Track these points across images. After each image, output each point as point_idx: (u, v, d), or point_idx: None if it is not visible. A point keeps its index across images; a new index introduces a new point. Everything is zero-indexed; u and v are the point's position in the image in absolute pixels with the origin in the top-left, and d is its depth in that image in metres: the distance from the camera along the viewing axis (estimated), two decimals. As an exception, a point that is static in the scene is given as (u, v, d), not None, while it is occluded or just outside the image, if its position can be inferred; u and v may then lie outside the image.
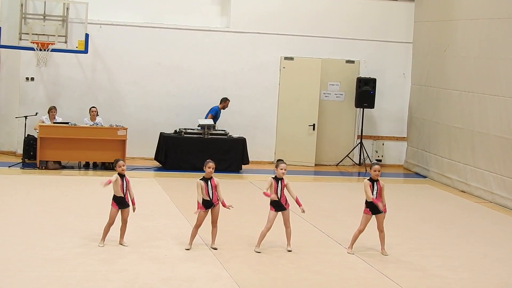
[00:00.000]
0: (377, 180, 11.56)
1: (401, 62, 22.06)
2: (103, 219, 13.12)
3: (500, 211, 16.19)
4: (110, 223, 11.53)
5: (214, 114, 20.59)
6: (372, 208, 11.50)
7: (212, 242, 11.85)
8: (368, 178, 11.67)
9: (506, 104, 16.87)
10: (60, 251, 11.23)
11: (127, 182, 11.60)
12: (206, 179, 11.84)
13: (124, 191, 11.51)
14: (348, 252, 11.92)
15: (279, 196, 11.60)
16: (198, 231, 11.71)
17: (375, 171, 11.54)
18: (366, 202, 11.55)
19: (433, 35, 20.65)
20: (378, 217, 11.60)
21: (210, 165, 11.95)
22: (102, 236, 11.61)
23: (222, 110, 20.74)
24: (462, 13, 19.03)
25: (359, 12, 21.61)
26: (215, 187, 11.87)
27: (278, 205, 11.66)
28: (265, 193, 11.62)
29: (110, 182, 11.33)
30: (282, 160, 11.97)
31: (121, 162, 11.59)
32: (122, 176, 11.53)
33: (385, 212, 11.77)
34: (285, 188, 11.68)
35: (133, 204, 11.71)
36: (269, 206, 11.73)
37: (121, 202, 11.50)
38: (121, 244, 11.63)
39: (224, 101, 20.68)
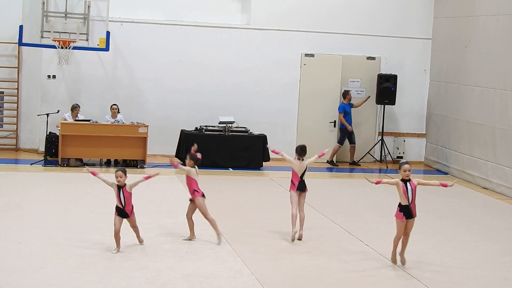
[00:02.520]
0: (409, 180, 10.72)
1: (421, 58, 22.00)
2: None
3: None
4: (115, 231, 11.01)
5: (342, 111, 20.79)
6: (406, 212, 10.69)
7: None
8: (399, 179, 10.77)
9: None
10: (82, 248, 11.28)
11: (126, 196, 11.05)
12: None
13: (123, 203, 11.01)
14: (393, 264, 11.09)
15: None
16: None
17: (405, 171, 10.72)
18: (400, 205, 10.74)
19: (453, 31, 20.56)
20: (410, 222, 10.79)
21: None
22: (115, 243, 11.10)
23: (350, 104, 20.94)
24: (483, 9, 18.95)
25: (379, 8, 21.56)
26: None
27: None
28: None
29: (93, 174, 11.29)
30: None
31: (118, 173, 11.02)
32: (120, 187, 11.00)
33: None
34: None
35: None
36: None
37: (121, 212, 11.06)
38: (140, 243, 11.48)
39: (346, 94, 20.91)
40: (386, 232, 13.27)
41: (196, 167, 12.57)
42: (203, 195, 12.33)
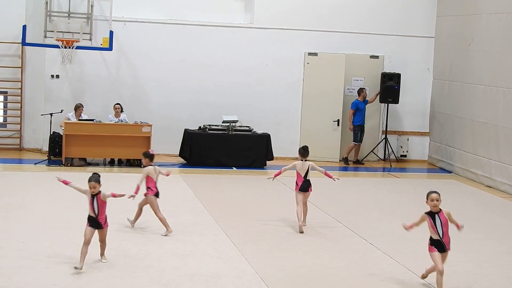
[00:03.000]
0: (439, 211, 9.49)
1: (424, 56, 22.02)
2: (128, 215, 13.26)
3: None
4: (84, 242, 10.02)
5: (354, 107, 20.90)
6: (438, 246, 9.53)
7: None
8: (427, 212, 9.57)
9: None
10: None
11: (100, 205, 10.13)
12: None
13: (96, 212, 10.08)
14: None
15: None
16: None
17: (432, 200, 9.40)
18: (431, 238, 9.59)
19: (456, 30, 20.56)
20: (443, 255, 9.66)
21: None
22: (80, 257, 9.99)
23: (365, 101, 21.05)
24: (486, 7, 18.96)
25: (382, 6, 21.59)
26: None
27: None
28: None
29: (65, 183, 10.44)
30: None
31: (91, 183, 10.07)
32: (94, 195, 10.09)
33: (461, 227, 9.94)
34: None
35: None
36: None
37: (94, 222, 10.14)
38: (101, 261, 10.42)
39: (361, 91, 21.02)
40: (389, 230, 13.39)
41: (155, 166, 12.75)
42: (156, 195, 12.50)
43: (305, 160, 13.12)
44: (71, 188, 10.39)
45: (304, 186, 13.07)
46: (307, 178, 13.08)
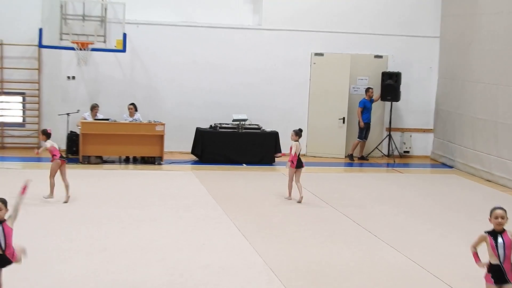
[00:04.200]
0: (503, 231, 7.58)
1: (428, 56, 22.02)
2: (142, 210, 13.46)
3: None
4: None
5: (362, 106, 21.04)
6: (497, 274, 7.57)
7: None
8: (488, 230, 7.69)
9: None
10: (103, 241, 11.41)
11: (7, 234, 7.63)
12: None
13: (3, 245, 7.59)
14: None
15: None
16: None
17: (496, 217, 7.58)
18: (490, 264, 7.63)
19: (459, 29, 20.59)
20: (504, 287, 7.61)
21: None
22: None
23: (372, 100, 21.19)
24: (487, 7, 19.00)
25: (387, 7, 21.62)
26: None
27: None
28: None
29: (23, 190, 8.20)
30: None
31: None
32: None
33: None
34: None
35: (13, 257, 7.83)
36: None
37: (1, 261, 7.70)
38: None
39: (367, 91, 21.14)
40: (394, 223, 13.50)
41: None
42: (60, 158, 14.21)
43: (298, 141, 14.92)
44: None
45: (299, 164, 14.85)
46: (300, 157, 14.90)
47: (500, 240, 7.52)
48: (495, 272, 7.54)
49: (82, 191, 15.29)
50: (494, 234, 7.57)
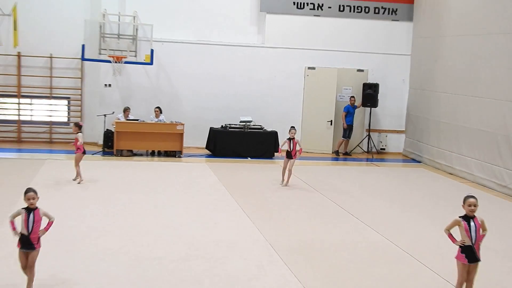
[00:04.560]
0: (474, 217, 7.52)
1: (401, 70, 21.95)
2: (164, 194, 13.44)
3: (480, 189, 16.12)
4: (21, 266, 7.48)
5: (346, 111, 20.98)
6: (469, 254, 7.49)
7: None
8: (461, 216, 7.60)
9: (485, 104, 16.85)
10: (131, 220, 11.42)
11: (36, 220, 7.37)
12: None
13: (30, 229, 7.32)
14: None
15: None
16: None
17: (469, 205, 7.51)
18: (461, 246, 7.52)
19: (426, 49, 20.55)
20: (473, 266, 7.55)
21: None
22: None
23: (355, 106, 21.13)
24: (450, 31, 18.96)
25: (368, 30, 21.57)
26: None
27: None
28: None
29: (13, 228, 7.36)
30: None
31: (30, 194, 7.36)
32: (31, 210, 7.36)
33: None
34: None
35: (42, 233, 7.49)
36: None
37: (25, 243, 7.36)
38: None
39: (351, 98, 21.11)
40: (372, 207, 13.47)
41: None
42: (83, 152, 14.50)
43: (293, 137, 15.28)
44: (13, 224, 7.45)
45: (290, 155, 15.12)
46: (289, 150, 15.14)
47: (472, 224, 7.47)
48: (468, 252, 7.46)
49: (114, 178, 15.32)
50: (467, 219, 7.51)
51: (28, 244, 7.38)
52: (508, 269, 9.66)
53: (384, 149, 22.15)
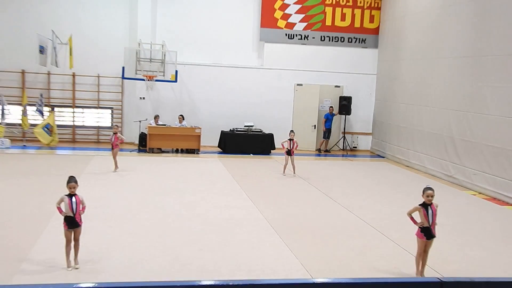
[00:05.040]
0: (430, 204, 7.51)
1: (369, 86, 21.90)
2: (185, 182, 13.37)
3: (430, 178, 16.11)
4: (67, 243, 7.37)
5: (326, 118, 20.96)
6: (427, 233, 7.52)
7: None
8: (421, 203, 7.54)
9: (434, 112, 16.85)
10: (161, 201, 11.43)
11: (78, 203, 7.33)
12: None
13: (74, 211, 7.30)
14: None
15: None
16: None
17: (428, 196, 7.46)
18: (420, 227, 7.53)
19: (388, 69, 20.53)
20: (430, 242, 7.60)
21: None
22: (66, 260, 7.37)
23: (333, 114, 21.03)
24: (405, 56, 18.96)
25: (343, 55, 21.49)
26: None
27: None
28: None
29: (60, 211, 7.31)
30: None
31: (72, 184, 7.29)
32: (72, 195, 7.31)
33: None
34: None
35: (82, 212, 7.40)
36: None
37: (71, 222, 7.31)
38: (72, 267, 7.32)
39: (329, 108, 21.04)
40: (346, 192, 13.43)
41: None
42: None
43: (292, 138, 15.35)
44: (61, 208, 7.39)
45: (290, 152, 15.27)
46: (291, 148, 15.26)
47: (430, 210, 7.48)
48: (426, 231, 7.50)
49: (147, 169, 15.33)
50: (425, 206, 7.51)
51: (74, 223, 7.34)
52: (453, 240, 9.66)
53: (356, 147, 22.14)
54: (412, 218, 7.61)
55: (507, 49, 13.55)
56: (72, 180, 7.35)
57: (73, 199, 7.34)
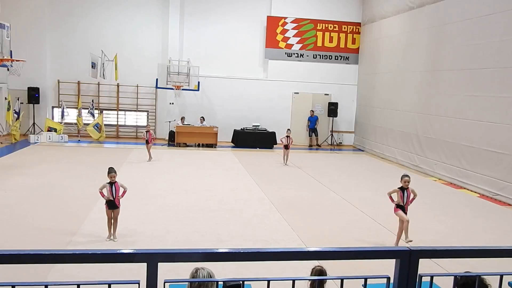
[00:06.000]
0: (407, 188, 7.54)
1: (352, 94, 21.60)
2: (205, 170, 13.28)
3: (400, 167, 15.91)
4: (108, 220, 7.29)
5: (309, 120, 20.68)
6: (402, 209, 7.49)
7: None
8: (399, 187, 7.59)
9: (403, 114, 16.64)
10: (186, 184, 11.34)
11: (117, 189, 7.25)
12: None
13: (114, 195, 7.22)
14: (406, 241, 7.46)
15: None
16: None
17: (405, 182, 7.50)
18: (397, 205, 7.57)
19: (367, 81, 20.27)
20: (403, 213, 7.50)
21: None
22: (108, 231, 7.34)
23: (315, 117, 20.66)
24: (380, 70, 18.74)
25: (331, 69, 21.21)
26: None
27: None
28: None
29: (103, 195, 7.24)
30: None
31: (112, 174, 7.20)
32: (112, 183, 7.23)
33: (411, 202, 7.65)
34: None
35: (121, 196, 7.32)
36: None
37: (111, 205, 7.23)
38: (111, 239, 7.23)
39: (310, 111, 20.66)
40: (333, 178, 13.30)
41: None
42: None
43: (289, 135, 15.07)
44: (104, 193, 7.29)
45: (286, 147, 14.95)
46: (287, 143, 14.93)
47: (405, 193, 7.55)
48: (401, 208, 7.54)
49: (175, 159, 15.28)
50: (402, 189, 7.57)
51: (114, 205, 7.28)
52: (419, 218, 9.55)
53: (341, 143, 21.93)
54: (390, 197, 7.64)
55: (457, 65, 13.56)
56: (112, 171, 7.24)
57: (114, 186, 7.27)
